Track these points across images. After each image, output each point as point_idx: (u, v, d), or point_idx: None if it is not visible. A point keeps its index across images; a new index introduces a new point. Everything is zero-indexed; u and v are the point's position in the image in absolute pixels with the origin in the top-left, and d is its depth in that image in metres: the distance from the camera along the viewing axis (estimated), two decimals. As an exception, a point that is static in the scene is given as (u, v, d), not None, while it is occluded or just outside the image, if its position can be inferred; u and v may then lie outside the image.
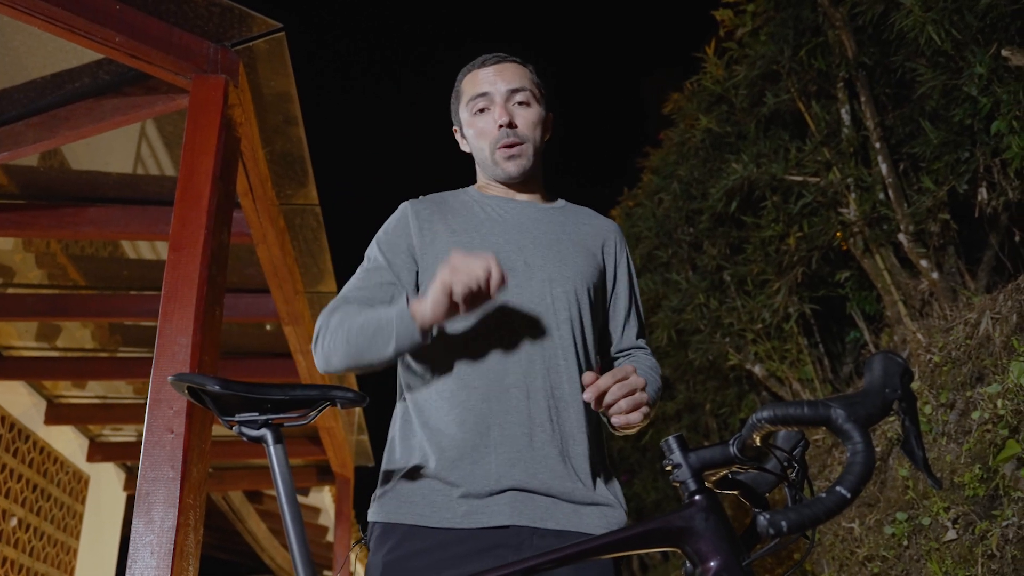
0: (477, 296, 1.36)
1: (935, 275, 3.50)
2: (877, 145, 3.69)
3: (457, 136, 1.77)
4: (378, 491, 1.53)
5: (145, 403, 2.42)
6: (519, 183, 1.69)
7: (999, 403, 2.69)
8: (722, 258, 4.61)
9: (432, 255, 1.59)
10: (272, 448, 1.28)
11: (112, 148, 4.00)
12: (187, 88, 2.85)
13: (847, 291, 4.14)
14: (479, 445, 1.47)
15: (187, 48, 2.81)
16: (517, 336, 1.52)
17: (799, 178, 3.98)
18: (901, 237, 3.59)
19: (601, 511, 1.49)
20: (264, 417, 1.28)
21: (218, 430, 5.57)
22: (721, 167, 4.40)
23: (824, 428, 1.01)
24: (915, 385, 3.13)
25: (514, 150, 1.63)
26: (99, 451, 7.06)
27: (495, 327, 1.53)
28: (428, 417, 1.52)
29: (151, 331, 5.20)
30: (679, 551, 1.12)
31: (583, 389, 1.53)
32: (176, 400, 2.39)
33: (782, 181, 4.03)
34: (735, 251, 4.61)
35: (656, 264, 5.15)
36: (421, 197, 1.73)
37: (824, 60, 3.90)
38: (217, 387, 1.24)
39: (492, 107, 1.65)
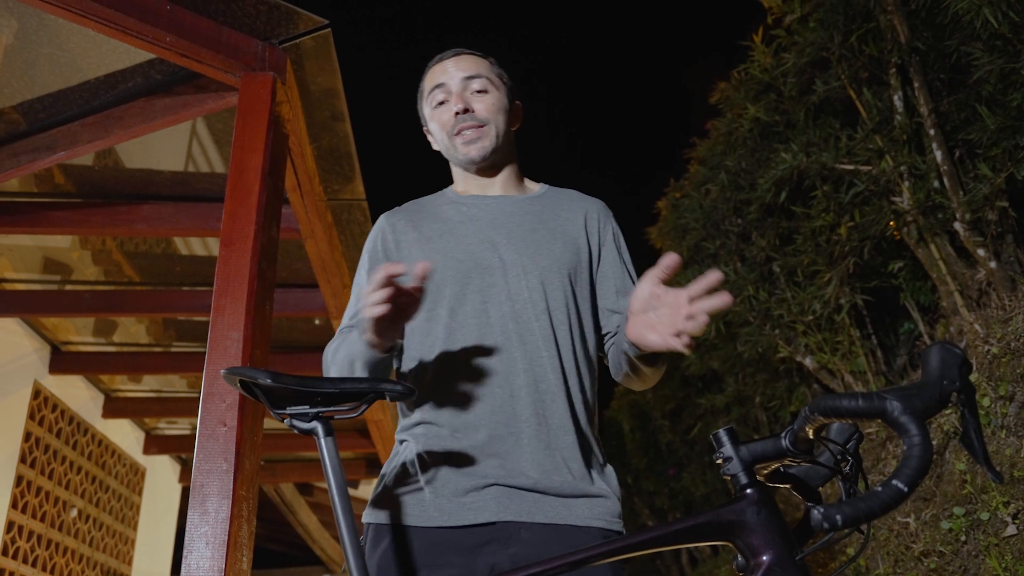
0: (399, 307, 1.38)
1: (993, 264, 3.41)
2: (931, 132, 3.61)
3: (428, 137, 1.77)
4: (372, 493, 1.55)
5: (199, 397, 2.46)
6: (489, 172, 1.69)
7: (1061, 395, 2.62)
8: (771, 249, 4.54)
9: (409, 264, 1.59)
10: (323, 440, 1.29)
11: (164, 147, 4.08)
12: (236, 86, 2.89)
13: (901, 281, 4.06)
14: (466, 447, 1.48)
15: (236, 46, 2.85)
16: (497, 335, 1.53)
17: (850, 167, 3.90)
18: (957, 226, 3.50)
19: (591, 502, 1.48)
20: (315, 410, 1.29)
21: (269, 423, 5.66)
22: (770, 157, 4.34)
23: (878, 421, 1.00)
24: (973, 377, 3.06)
25: (471, 133, 1.63)
26: (155, 444, 7.22)
27: (475, 328, 1.53)
28: (416, 420, 1.54)
29: (203, 326, 5.30)
30: (730, 545, 1.11)
31: (577, 375, 1.54)
32: (229, 394, 2.43)
33: (833, 170, 3.95)
34: (784, 242, 4.54)
35: (704, 256, 5.09)
36: (396, 208, 1.74)
37: (876, 46, 3.82)
38: (269, 380, 1.26)
39: (450, 97, 1.66)
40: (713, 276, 1.28)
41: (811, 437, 1.08)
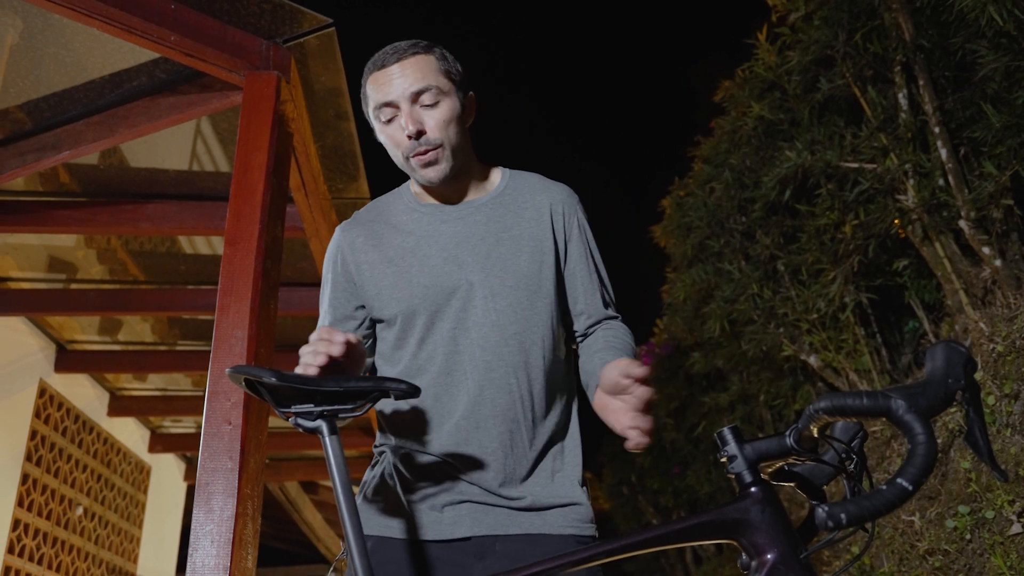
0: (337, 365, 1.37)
1: (998, 262, 3.40)
2: (936, 130, 3.60)
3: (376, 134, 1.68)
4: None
5: (203, 395, 2.47)
6: (449, 183, 1.60)
7: (1066, 394, 2.61)
8: (776, 247, 4.53)
9: (374, 289, 1.58)
10: (327, 439, 1.29)
11: (169, 146, 4.09)
12: (240, 85, 2.90)
13: (905, 280, 4.05)
14: (438, 473, 1.49)
15: (240, 45, 2.85)
16: (465, 364, 1.51)
17: (855, 165, 3.89)
18: (962, 224, 3.49)
19: (563, 511, 1.49)
20: (319, 408, 1.29)
21: (274, 422, 5.67)
22: (774, 155, 4.33)
23: (883, 419, 0.99)
24: (978, 375, 3.05)
25: (428, 156, 1.54)
26: (160, 442, 7.24)
27: (444, 358, 1.52)
28: (392, 443, 1.56)
29: (208, 324, 5.31)
30: (735, 543, 1.11)
31: (545, 397, 1.54)
32: (233, 392, 2.43)
33: (837, 168, 3.94)
34: (789, 240, 4.54)
35: (708, 254, 5.08)
36: (355, 216, 1.69)
37: (880, 44, 3.81)
38: (273, 379, 1.26)
39: (399, 114, 1.55)
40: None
41: (816, 435, 1.08)
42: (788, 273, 4.45)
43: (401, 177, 1.75)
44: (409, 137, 1.54)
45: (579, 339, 1.66)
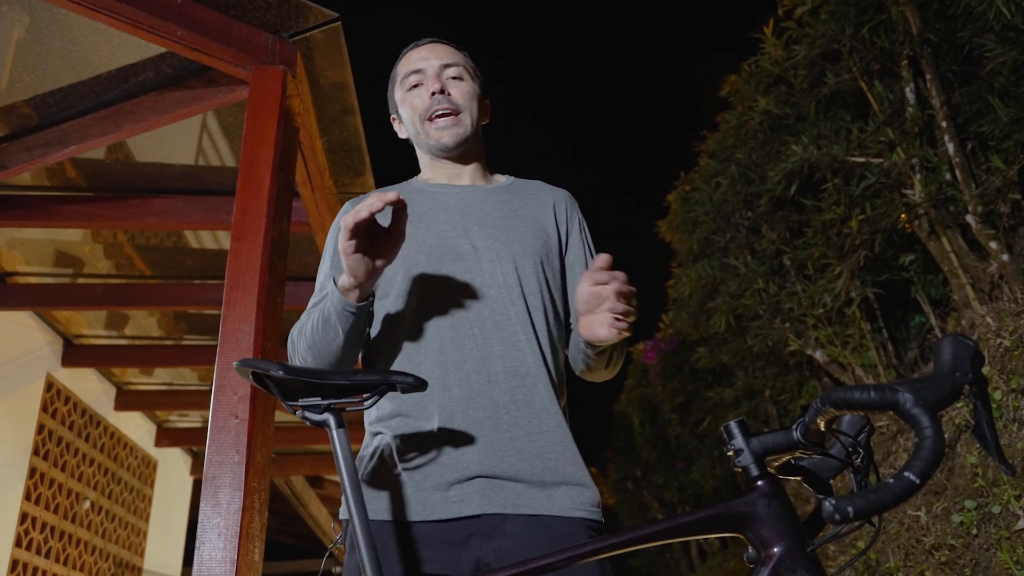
0: (381, 239, 1.39)
1: (1005, 257, 3.39)
2: (943, 124, 3.59)
3: (396, 125, 1.77)
4: None
5: (210, 390, 2.48)
6: (459, 161, 1.68)
7: (1073, 389, 2.60)
8: (781, 242, 4.53)
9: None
10: (335, 432, 1.29)
11: (175, 140, 4.09)
12: (246, 80, 2.90)
13: (912, 274, 4.04)
14: (444, 435, 1.45)
15: (246, 40, 2.85)
16: (472, 321, 1.51)
17: (861, 159, 3.88)
18: (969, 218, 3.48)
19: (571, 491, 1.46)
20: (326, 402, 1.30)
21: (279, 416, 5.68)
22: (780, 149, 4.32)
23: (890, 414, 0.99)
24: (985, 370, 3.04)
25: (448, 119, 1.63)
26: (166, 436, 7.26)
27: (449, 314, 1.52)
28: (391, 412, 1.51)
29: (215, 319, 5.32)
30: (741, 537, 1.11)
31: (554, 359, 1.54)
32: (240, 386, 2.44)
33: (844, 163, 3.93)
34: (795, 235, 4.53)
35: (714, 249, 5.08)
36: (361, 196, 1.71)
37: (887, 38, 3.80)
38: (281, 372, 1.26)
39: (425, 80, 1.66)
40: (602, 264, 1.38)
41: (822, 429, 1.07)
42: (794, 268, 4.45)
43: (405, 172, 1.77)
44: (432, 94, 1.63)
45: (571, 333, 1.67)
